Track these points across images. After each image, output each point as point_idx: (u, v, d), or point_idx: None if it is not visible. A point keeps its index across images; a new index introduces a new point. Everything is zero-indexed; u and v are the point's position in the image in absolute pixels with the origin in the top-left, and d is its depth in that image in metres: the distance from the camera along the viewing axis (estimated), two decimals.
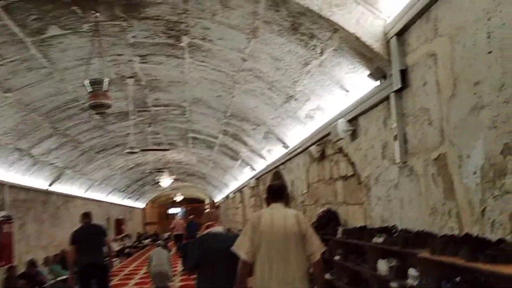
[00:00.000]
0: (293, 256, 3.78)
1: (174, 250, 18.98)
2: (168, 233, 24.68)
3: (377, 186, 5.22)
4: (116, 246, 17.83)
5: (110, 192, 20.46)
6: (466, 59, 3.33)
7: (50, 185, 12.67)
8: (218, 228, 4.54)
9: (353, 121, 5.73)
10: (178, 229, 19.43)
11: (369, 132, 5.37)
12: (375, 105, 5.05)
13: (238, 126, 10.75)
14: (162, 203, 38.93)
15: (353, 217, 6.11)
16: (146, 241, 25.62)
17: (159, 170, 18.88)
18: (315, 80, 6.11)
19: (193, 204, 38.09)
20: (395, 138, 4.50)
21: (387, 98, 4.69)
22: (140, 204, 31.72)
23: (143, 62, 7.46)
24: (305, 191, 8.59)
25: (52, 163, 11.77)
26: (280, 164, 10.46)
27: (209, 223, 4.57)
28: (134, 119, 10.83)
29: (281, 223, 3.85)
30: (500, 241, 2.79)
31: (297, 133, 8.35)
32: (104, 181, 18.04)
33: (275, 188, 4.20)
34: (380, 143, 5.06)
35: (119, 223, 23.70)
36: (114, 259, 15.48)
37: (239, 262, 3.82)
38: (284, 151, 9.62)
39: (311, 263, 3.83)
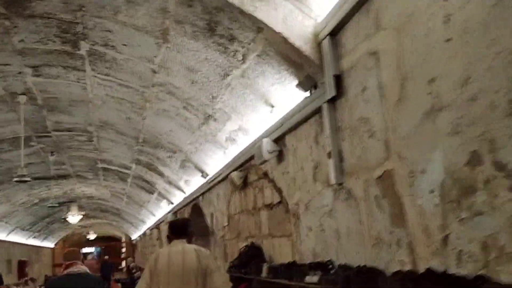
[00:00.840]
0: None
1: None
2: None
3: (307, 214, 4.47)
4: None
5: (12, 231, 18.47)
6: (417, 53, 2.71)
7: None
8: (78, 268, 4.28)
9: (279, 140, 4.99)
10: (90, 270, 17.69)
11: (298, 152, 4.64)
12: (305, 120, 4.33)
13: (152, 154, 9.72)
14: (75, 242, 36.33)
15: (279, 252, 5.31)
16: None
17: (63, 204, 17.21)
18: (237, 95, 5.34)
19: (108, 243, 36.06)
20: (329, 155, 3.80)
21: (319, 111, 4.00)
22: (49, 244, 29.31)
23: (36, 75, 6.35)
24: (225, 224, 7.72)
25: None
26: (198, 196, 9.54)
27: (68, 263, 4.30)
28: (33, 146, 9.53)
29: (178, 261, 3.57)
30: (479, 278, 2.09)
31: (217, 160, 7.51)
32: (3, 219, 16.19)
33: (177, 225, 4.03)
34: (311, 163, 4.33)
35: (22, 265, 21.49)
36: None
37: None
38: (203, 180, 8.74)
39: None
